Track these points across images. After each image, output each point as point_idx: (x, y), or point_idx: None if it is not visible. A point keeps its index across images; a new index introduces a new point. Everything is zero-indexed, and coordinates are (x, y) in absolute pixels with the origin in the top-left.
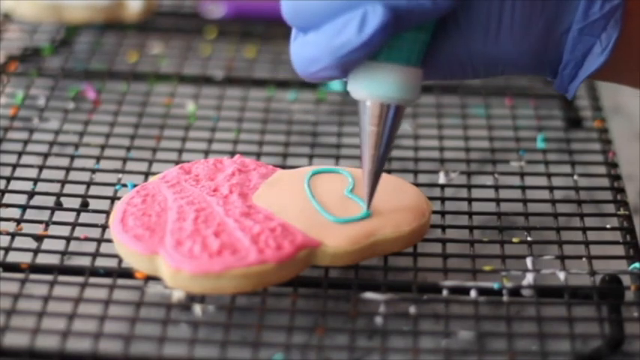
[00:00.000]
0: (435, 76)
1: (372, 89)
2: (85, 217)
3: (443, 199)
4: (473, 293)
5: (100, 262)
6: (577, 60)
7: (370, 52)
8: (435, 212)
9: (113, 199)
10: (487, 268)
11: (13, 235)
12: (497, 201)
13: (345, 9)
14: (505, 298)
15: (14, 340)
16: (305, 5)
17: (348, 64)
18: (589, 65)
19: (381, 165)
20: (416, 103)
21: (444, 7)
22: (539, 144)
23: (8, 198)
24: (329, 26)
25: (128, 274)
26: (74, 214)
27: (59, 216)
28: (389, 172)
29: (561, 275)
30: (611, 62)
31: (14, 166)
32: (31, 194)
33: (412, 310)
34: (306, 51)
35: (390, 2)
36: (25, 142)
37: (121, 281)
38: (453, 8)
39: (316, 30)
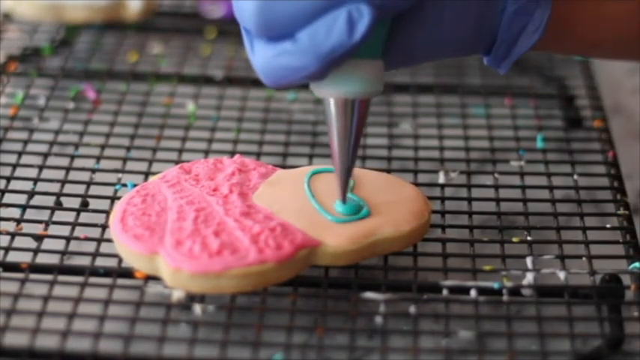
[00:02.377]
0: (391, 66)
1: (337, 86)
2: (85, 217)
3: (443, 199)
4: (473, 293)
5: (100, 262)
6: (511, 39)
7: (357, 51)
8: (434, 212)
9: (113, 198)
10: (487, 267)
11: (13, 235)
12: (497, 200)
13: (322, 13)
14: (505, 297)
15: (14, 339)
16: (279, 12)
17: (335, 67)
18: (523, 43)
19: (353, 159)
20: (415, 102)
21: (413, 0)
22: (539, 144)
23: (8, 198)
24: (310, 32)
25: (128, 273)
26: (74, 213)
27: (59, 216)
28: (389, 171)
29: (561, 275)
30: (545, 38)
31: (14, 166)
32: (31, 194)
33: (412, 309)
34: (286, 60)
35: (372, 0)
36: (25, 142)
37: (120, 281)
38: (417, 1)
39: (292, 38)
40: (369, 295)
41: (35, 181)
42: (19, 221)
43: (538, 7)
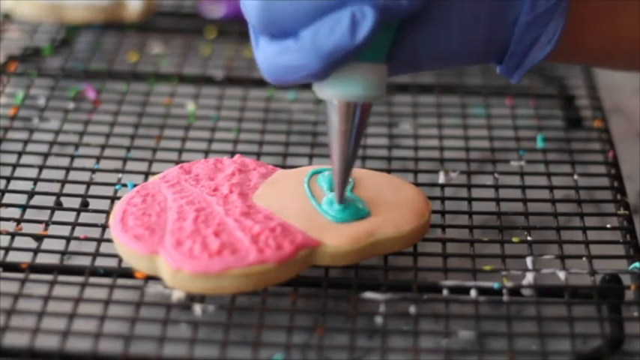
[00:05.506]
0: (396, 71)
1: (339, 88)
2: (85, 217)
3: (443, 199)
4: (473, 293)
5: (100, 262)
6: (524, 50)
7: (359, 54)
8: (434, 212)
9: (113, 198)
10: (487, 267)
11: (13, 235)
12: (498, 200)
13: (325, 13)
14: (505, 297)
15: (14, 340)
16: (282, 10)
17: (336, 67)
18: (536, 55)
19: (351, 163)
20: (415, 102)
21: (417, 5)
22: (539, 144)
23: (8, 198)
24: (312, 32)
25: (128, 274)
26: (74, 213)
27: (59, 216)
28: (389, 171)
29: (561, 275)
30: (557, 49)
31: (14, 166)
32: (31, 194)
33: (412, 309)
34: (287, 59)
35: (376, 2)
36: (25, 142)
37: (121, 281)
38: (422, 6)
39: (295, 36)
40: (369, 295)
41: (35, 181)
42: (19, 221)
43: (552, 19)
